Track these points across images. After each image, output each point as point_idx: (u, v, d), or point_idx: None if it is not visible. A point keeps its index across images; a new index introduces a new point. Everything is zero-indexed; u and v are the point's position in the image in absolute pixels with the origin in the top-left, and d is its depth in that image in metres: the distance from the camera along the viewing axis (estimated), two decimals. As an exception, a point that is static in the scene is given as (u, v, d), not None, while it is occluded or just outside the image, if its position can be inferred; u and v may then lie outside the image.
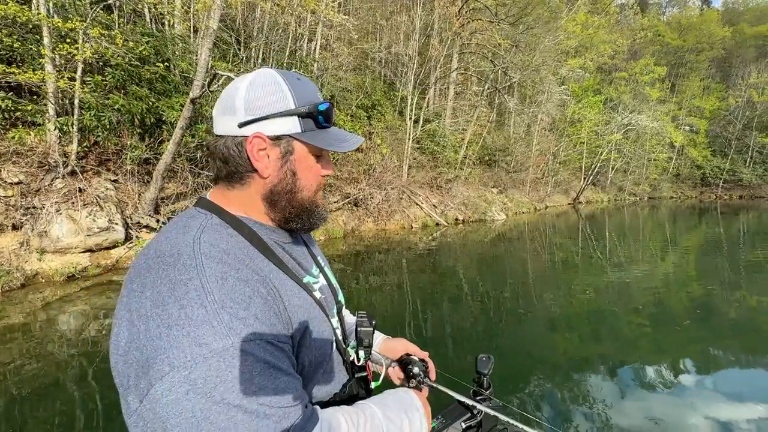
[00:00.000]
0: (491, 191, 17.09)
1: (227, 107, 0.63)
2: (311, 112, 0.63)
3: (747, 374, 3.56)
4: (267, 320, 0.53)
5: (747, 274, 7.28)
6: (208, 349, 0.46)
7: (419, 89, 14.15)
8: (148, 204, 6.47)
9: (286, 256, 0.68)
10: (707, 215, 19.39)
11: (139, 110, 6.38)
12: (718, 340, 4.28)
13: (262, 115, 0.61)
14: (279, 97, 0.62)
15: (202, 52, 5.23)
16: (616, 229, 14.06)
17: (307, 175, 0.66)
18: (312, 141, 0.64)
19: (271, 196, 0.65)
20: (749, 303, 5.57)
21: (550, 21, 18.49)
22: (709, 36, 35.73)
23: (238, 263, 0.55)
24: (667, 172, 31.62)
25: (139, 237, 6.61)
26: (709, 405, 2.98)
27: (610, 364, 3.67)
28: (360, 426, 0.59)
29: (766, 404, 2.97)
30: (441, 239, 10.60)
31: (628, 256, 9.10)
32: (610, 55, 28.26)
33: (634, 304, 5.47)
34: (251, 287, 0.54)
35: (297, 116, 0.63)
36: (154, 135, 6.88)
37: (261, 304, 0.54)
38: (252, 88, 0.62)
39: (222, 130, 0.63)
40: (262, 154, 0.62)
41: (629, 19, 37.68)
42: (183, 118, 5.71)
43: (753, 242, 11.23)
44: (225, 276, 0.52)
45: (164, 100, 6.81)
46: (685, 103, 33.84)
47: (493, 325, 4.62)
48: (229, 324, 0.49)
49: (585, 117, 24.05)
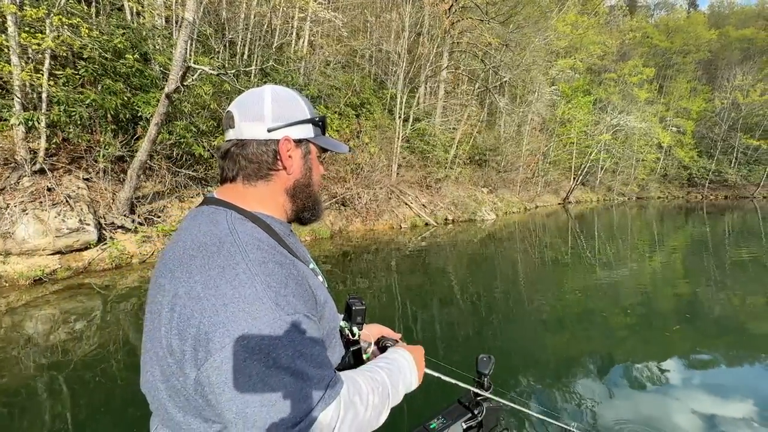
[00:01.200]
0: (481, 191, 17.03)
1: (254, 115, 0.73)
2: (320, 120, 0.79)
3: (731, 371, 3.61)
4: (302, 297, 0.62)
5: (732, 274, 7.37)
6: (261, 321, 0.55)
7: (409, 87, 13.99)
8: (122, 204, 6.20)
9: (295, 245, 0.77)
10: (694, 215, 19.61)
11: (112, 105, 6.10)
12: (704, 337, 4.36)
13: (289, 122, 0.74)
14: (299, 107, 0.76)
15: (178, 45, 4.98)
16: (605, 229, 14.14)
17: (317, 172, 0.81)
18: (323, 144, 0.80)
19: (293, 189, 0.77)
20: (734, 302, 5.65)
21: (540, 20, 18.51)
22: (696, 38, 36.31)
23: (272, 249, 0.63)
24: (654, 172, 32.00)
25: (114, 238, 6.33)
26: (694, 400, 3.05)
27: (600, 362, 3.72)
28: (375, 391, 0.69)
29: (750, 400, 3.05)
30: (430, 239, 10.52)
31: (617, 256, 9.18)
32: (599, 56, 28.48)
33: (622, 304, 5.52)
34: (286, 270, 0.62)
35: (312, 124, 0.77)
36: (129, 132, 6.60)
37: (295, 285, 0.61)
38: (276, 100, 0.74)
39: (249, 134, 0.73)
40: (289, 154, 0.75)
41: (618, 20, 38.07)
42: (158, 114, 5.46)
43: (738, 242, 11.40)
44: (265, 261, 0.60)
45: (141, 95, 6.54)
46: (672, 104, 34.29)
47: (484, 326, 4.61)
48: (276, 300, 0.57)
49: (575, 117, 24.20)
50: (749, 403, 3.00)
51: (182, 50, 4.98)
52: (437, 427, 0.91)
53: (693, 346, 4.13)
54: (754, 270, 7.75)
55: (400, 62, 13.35)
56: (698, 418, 2.80)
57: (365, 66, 15.56)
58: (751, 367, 3.69)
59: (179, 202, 7.58)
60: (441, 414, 0.95)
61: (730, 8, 55.46)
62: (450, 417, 0.94)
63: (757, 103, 31.52)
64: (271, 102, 0.74)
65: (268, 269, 0.59)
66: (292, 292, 0.60)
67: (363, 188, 11.01)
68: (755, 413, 2.87)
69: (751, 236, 12.48)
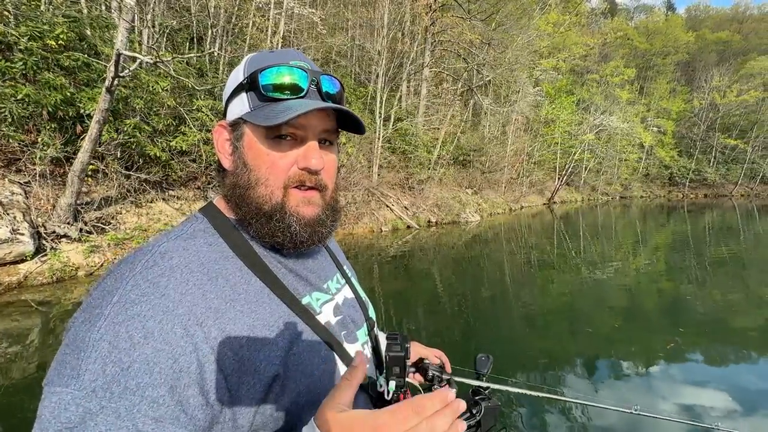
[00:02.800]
0: (466, 192, 16.74)
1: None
2: (254, 80, 0.54)
3: (713, 364, 3.73)
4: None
5: (712, 270, 7.59)
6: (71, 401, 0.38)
7: (389, 86, 13.60)
8: (64, 210, 5.58)
9: (283, 270, 0.57)
10: (675, 214, 19.87)
11: (51, 101, 5.48)
12: (686, 333, 4.48)
13: (225, 100, 0.58)
14: (237, 71, 0.57)
15: (119, 33, 4.45)
16: (590, 229, 14.23)
17: (259, 165, 0.54)
18: (251, 118, 0.53)
19: (228, 191, 0.56)
20: (714, 298, 5.80)
21: (522, 18, 18.37)
22: (674, 40, 37.07)
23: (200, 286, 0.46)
24: (637, 171, 32.37)
25: (56, 249, 5.70)
26: (677, 391, 3.17)
27: (586, 359, 3.78)
28: None
29: (730, 391, 3.17)
30: (413, 243, 10.24)
31: (601, 256, 9.24)
32: (581, 57, 28.71)
33: (607, 301, 5.65)
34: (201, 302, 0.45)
35: (245, 91, 0.55)
36: (73, 131, 5.98)
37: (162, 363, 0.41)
38: (238, 67, 0.58)
39: None
40: (227, 144, 0.57)
41: (599, 22, 38.64)
42: (99, 111, 4.88)
43: (717, 239, 11.70)
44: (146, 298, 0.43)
45: (86, 90, 5.93)
46: (653, 104, 34.85)
47: (470, 327, 4.59)
48: (102, 380, 0.39)
49: (558, 117, 24.26)
50: (730, 394, 3.12)
51: (123, 39, 4.43)
52: None
53: (675, 340, 4.23)
54: (733, 267, 7.96)
55: (380, 60, 12.94)
56: (681, 408, 2.92)
57: (345, 64, 15.12)
58: (731, 361, 3.81)
59: (136, 208, 6.97)
60: None
61: (705, 12, 57.12)
62: None
63: (733, 103, 32.28)
64: (233, 74, 0.58)
65: (125, 327, 0.41)
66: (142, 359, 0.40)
67: (340, 190, 10.53)
68: (735, 404, 2.99)
69: (730, 234, 12.87)
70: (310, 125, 0.54)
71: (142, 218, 6.95)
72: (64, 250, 5.80)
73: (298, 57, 0.58)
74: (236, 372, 0.45)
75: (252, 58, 0.57)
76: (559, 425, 2.74)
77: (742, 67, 35.11)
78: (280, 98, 0.53)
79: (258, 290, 0.51)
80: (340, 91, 0.60)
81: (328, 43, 13.27)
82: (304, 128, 0.54)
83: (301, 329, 0.53)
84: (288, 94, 0.53)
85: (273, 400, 0.48)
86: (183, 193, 7.79)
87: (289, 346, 0.50)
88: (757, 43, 43.31)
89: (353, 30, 15.33)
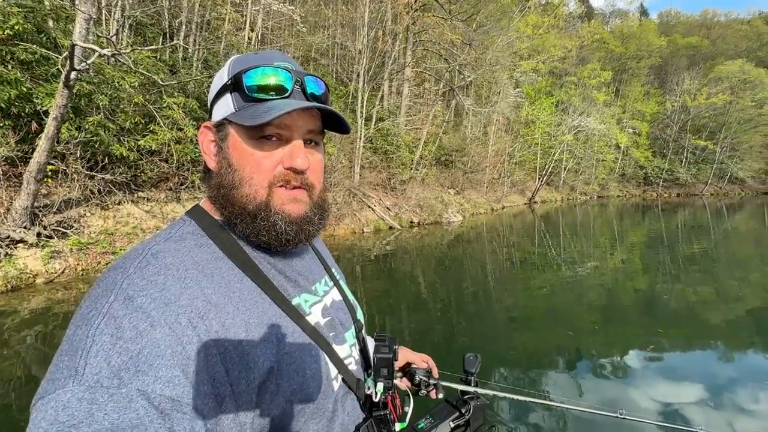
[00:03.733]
0: (448, 192, 16.77)
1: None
2: (238, 81, 0.54)
3: (686, 358, 3.88)
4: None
5: (685, 267, 7.87)
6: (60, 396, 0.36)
7: (371, 85, 13.47)
8: (19, 213, 5.21)
9: (273, 272, 0.57)
10: (650, 212, 20.45)
11: (5, 97, 5.11)
12: (661, 327, 4.63)
13: (210, 101, 0.59)
14: (221, 73, 0.57)
15: (76, 23, 4.15)
16: (570, 228, 14.46)
17: (243, 165, 0.54)
18: (235, 118, 0.54)
19: (214, 193, 0.56)
20: (687, 294, 6.00)
21: (502, 19, 18.56)
22: (648, 45, 38.28)
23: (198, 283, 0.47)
24: (614, 172, 33.26)
25: (10, 255, 5.32)
26: (652, 384, 3.28)
27: (568, 353, 3.88)
28: None
29: (704, 384, 3.30)
30: (396, 243, 10.15)
31: (581, 254, 9.46)
32: (560, 59, 29.31)
33: (587, 299, 5.81)
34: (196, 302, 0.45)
35: (229, 92, 0.55)
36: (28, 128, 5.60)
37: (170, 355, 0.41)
38: (222, 69, 0.58)
39: None
40: (212, 145, 0.57)
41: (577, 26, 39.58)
42: (56, 107, 4.56)
43: (689, 237, 12.10)
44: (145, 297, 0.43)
45: (44, 85, 5.56)
46: (628, 106, 35.89)
47: (454, 328, 4.61)
48: (107, 371, 0.37)
49: (538, 118, 24.66)
50: (703, 386, 3.25)
51: (82, 30, 4.14)
52: (425, 427, 0.86)
53: (651, 334, 4.38)
54: (704, 263, 8.24)
55: (361, 59, 12.80)
56: (656, 400, 3.02)
57: (326, 63, 14.91)
58: (703, 353, 3.98)
59: (101, 211, 6.61)
60: (429, 414, 0.92)
61: (676, 18, 59.36)
62: (438, 416, 0.92)
63: (703, 106, 33.59)
64: (217, 75, 0.59)
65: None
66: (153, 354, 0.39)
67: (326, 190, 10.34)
68: (707, 395, 3.12)
69: (701, 231, 13.37)
70: (295, 125, 0.54)
71: (109, 221, 6.59)
72: (20, 256, 5.42)
73: (283, 58, 0.58)
74: (237, 366, 0.45)
75: (236, 59, 0.58)
76: (544, 425, 2.74)
77: (711, 71, 36.58)
78: (265, 99, 0.54)
79: (250, 289, 0.52)
80: (325, 92, 0.60)
81: (307, 41, 13.04)
82: (289, 128, 0.54)
83: (292, 329, 0.54)
84: (272, 94, 0.54)
85: (269, 399, 0.48)
86: (154, 194, 7.44)
87: (281, 345, 0.51)
88: (724, 48, 45.28)
89: (334, 28, 15.13)
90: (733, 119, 33.33)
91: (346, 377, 0.61)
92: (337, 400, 0.59)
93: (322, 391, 0.55)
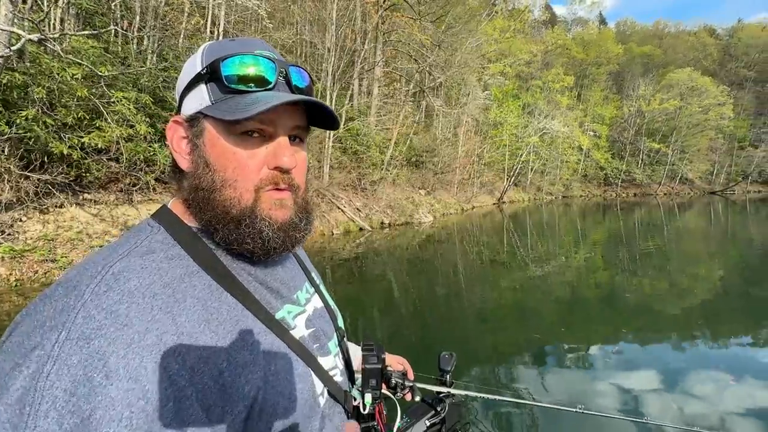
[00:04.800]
0: (419, 192, 16.82)
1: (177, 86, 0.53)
2: (215, 70, 0.48)
3: (643, 348, 4.11)
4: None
5: (641, 263, 8.28)
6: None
7: (340, 84, 13.25)
8: (-63, 218, 4.62)
9: (254, 284, 0.52)
10: (610, 212, 21.48)
11: None
12: (620, 320, 4.92)
13: (179, 92, 0.52)
14: (193, 61, 0.51)
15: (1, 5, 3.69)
16: (537, 227, 14.90)
17: (225, 165, 0.48)
18: (212, 112, 0.48)
19: (189, 196, 0.50)
20: (644, 288, 6.33)
21: (470, 21, 18.87)
22: (606, 52, 40.29)
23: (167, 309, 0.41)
24: (577, 173, 34.68)
25: (-73, 265, 4.72)
26: (612, 374, 3.49)
27: (534, 353, 4.00)
28: None
29: (657, 371, 3.51)
30: (367, 245, 10.05)
31: (547, 252, 9.74)
32: (526, 63, 30.25)
33: (553, 295, 6.05)
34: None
35: (204, 82, 0.49)
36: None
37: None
38: (193, 57, 0.51)
39: None
40: (184, 142, 0.51)
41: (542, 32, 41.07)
42: (-21, 99, 4.06)
43: (645, 234, 12.83)
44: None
45: (-31, 75, 4.97)
46: (589, 110, 37.60)
47: (427, 328, 4.68)
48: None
49: (506, 120, 25.31)
50: (658, 374, 3.46)
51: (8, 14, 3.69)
52: (401, 427, 0.87)
53: (611, 328, 4.66)
54: (658, 259, 8.70)
55: (329, 57, 12.56)
56: (615, 388, 3.23)
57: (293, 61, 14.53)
58: (658, 344, 4.20)
59: (40, 214, 6.02)
60: (405, 414, 0.91)
61: (632, 27, 62.94)
62: (414, 415, 0.92)
63: (656, 110, 35.76)
64: (187, 63, 0.52)
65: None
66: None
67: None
68: (662, 383, 3.32)
69: (656, 229, 14.16)
70: (279, 121, 0.50)
71: (49, 226, 6.02)
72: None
73: (263, 46, 0.52)
74: (219, 402, 0.41)
75: (211, 46, 0.52)
76: (513, 421, 2.86)
77: (663, 78, 39.01)
78: (245, 90, 0.48)
79: (231, 307, 0.47)
80: (309, 84, 0.55)
81: (273, 37, 12.64)
82: (274, 124, 0.49)
83: (278, 347, 0.50)
84: (253, 86, 0.48)
85: (252, 425, 0.44)
86: (102, 196, 6.89)
87: (268, 366, 0.47)
88: (674, 57, 48.44)
89: (302, 25, 14.79)
90: (683, 124, 35.69)
91: (332, 389, 0.58)
92: (324, 416, 0.55)
93: (307, 411, 0.51)
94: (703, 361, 3.73)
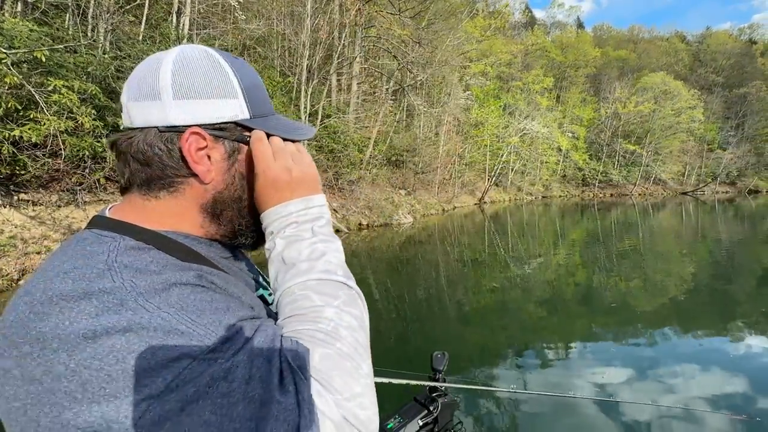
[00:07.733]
0: (399, 193, 16.45)
1: (146, 90, 0.47)
2: (249, 91, 0.52)
3: (617, 341, 4.32)
4: None
5: (617, 261, 8.55)
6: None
7: (316, 79, 12.73)
8: None
9: (240, 273, 0.56)
10: (587, 211, 21.75)
11: None
12: (597, 316, 5.17)
13: (200, 96, 0.49)
14: (217, 71, 0.49)
15: None
16: (517, 227, 14.92)
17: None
18: (271, 130, 0.53)
19: (214, 206, 0.51)
20: (620, 286, 6.54)
21: (450, 18, 18.63)
22: (584, 55, 41.05)
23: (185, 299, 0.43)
24: (556, 173, 35.16)
25: None
26: (590, 369, 3.66)
27: (517, 350, 4.11)
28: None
29: (633, 366, 3.68)
30: (344, 247, 9.53)
31: (527, 252, 9.86)
32: (506, 64, 30.39)
33: (533, 293, 6.18)
34: None
35: (243, 98, 0.51)
36: None
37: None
38: (182, 62, 0.48)
39: (140, 121, 0.48)
40: (202, 154, 0.49)
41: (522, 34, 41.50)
42: None
43: (621, 234, 13.14)
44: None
45: None
46: (567, 112, 38.18)
47: (407, 327, 4.74)
48: None
49: (487, 120, 25.28)
50: (631, 366, 3.67)
51: None
52: (394, 427, 0.87)
53: (589, 323, 4.90)
54: (633, 257, 8.98)
55: (305, 51, 12.03)
56: (593, 380, 3.42)
57: (266, 54, 13.92)
58: (633, 338, 4.38)
59: (-35, 217, 5.31)
60: (397, 413, 0.92)
61: (608, 32, 64.62)
62: (406, 415, 0.92)
63: (632, 113, 36.65)
64: (172, 67, 0.48)
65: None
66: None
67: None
68: (635, 374, 3.53)
69: (631, 229, 14.50)
70: None
71: (-26, 230, 5.32)
72: None
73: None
74: None
75: (224, 57, 0.51)
76: (500, 412, 2.98)
77: (638, 81, 40.06)
78: (268, 113, 0.55)
79: (241, 290, 0.51)
80: None
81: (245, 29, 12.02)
82: None
83: (265, 314, 0.53)
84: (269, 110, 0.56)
85: None
86: (42, 196, 6.19)
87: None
88: (648, 61, 49.89)
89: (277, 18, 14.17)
90: (657, 126, 36.71)
91: None
92: None
93: None
94: (672, 351, 4.04)
